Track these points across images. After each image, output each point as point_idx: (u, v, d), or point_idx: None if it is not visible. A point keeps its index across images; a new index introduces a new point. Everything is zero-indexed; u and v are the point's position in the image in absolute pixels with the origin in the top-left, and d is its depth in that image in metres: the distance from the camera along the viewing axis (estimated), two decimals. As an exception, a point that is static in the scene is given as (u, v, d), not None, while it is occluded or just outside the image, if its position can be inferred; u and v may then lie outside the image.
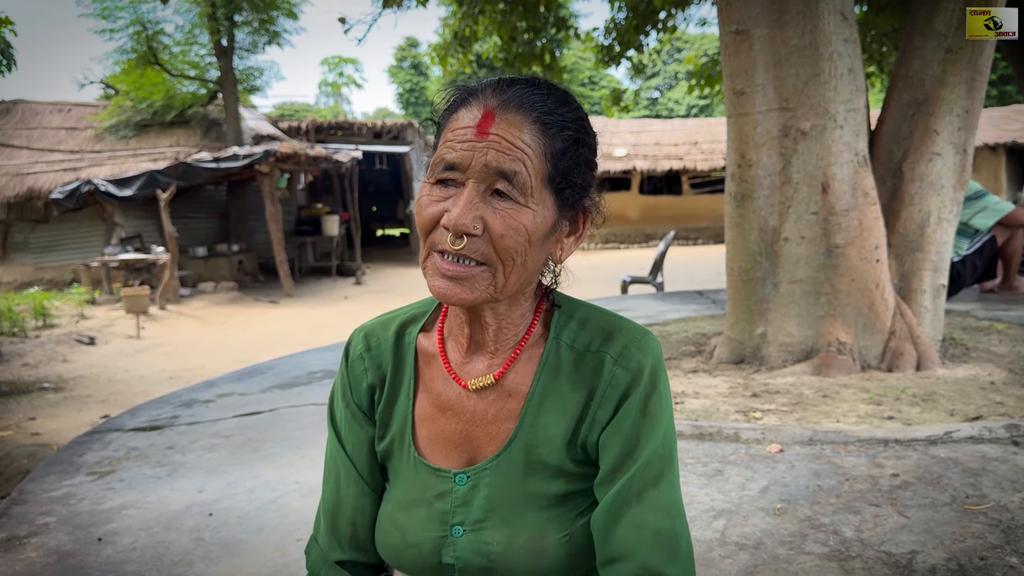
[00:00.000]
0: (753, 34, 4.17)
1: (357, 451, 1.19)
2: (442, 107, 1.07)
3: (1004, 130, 21.31)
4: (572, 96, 1.07)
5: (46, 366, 8.35)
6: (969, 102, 4.32)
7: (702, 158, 23.91)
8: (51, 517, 2.89)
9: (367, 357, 1.20)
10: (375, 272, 18.26)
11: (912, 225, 4.41)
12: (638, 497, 1.04)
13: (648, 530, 1.02)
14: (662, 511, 1.04)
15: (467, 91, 1.04)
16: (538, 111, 1.01)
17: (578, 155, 1.05)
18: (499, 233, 0.99)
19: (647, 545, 1.02)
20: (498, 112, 0.99)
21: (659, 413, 1.07)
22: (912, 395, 3.71)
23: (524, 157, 0.99)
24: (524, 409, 1.10)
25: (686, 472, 2.93)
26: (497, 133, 0.98)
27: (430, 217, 1.02)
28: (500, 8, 9.35)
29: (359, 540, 1.18)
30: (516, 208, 0.99)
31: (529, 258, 1.03)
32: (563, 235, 1.09)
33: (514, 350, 1.12)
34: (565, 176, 1.04)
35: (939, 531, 2.33)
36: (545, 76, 6.42)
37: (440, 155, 1.01)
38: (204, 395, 4.80)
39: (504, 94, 1.01)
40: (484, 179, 0.99)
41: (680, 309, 6.98)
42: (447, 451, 1.14)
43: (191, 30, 18.95)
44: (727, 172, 4.53)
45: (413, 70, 49.30)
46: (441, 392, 1.15)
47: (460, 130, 1.00)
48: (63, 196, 14.31)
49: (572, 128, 1.04)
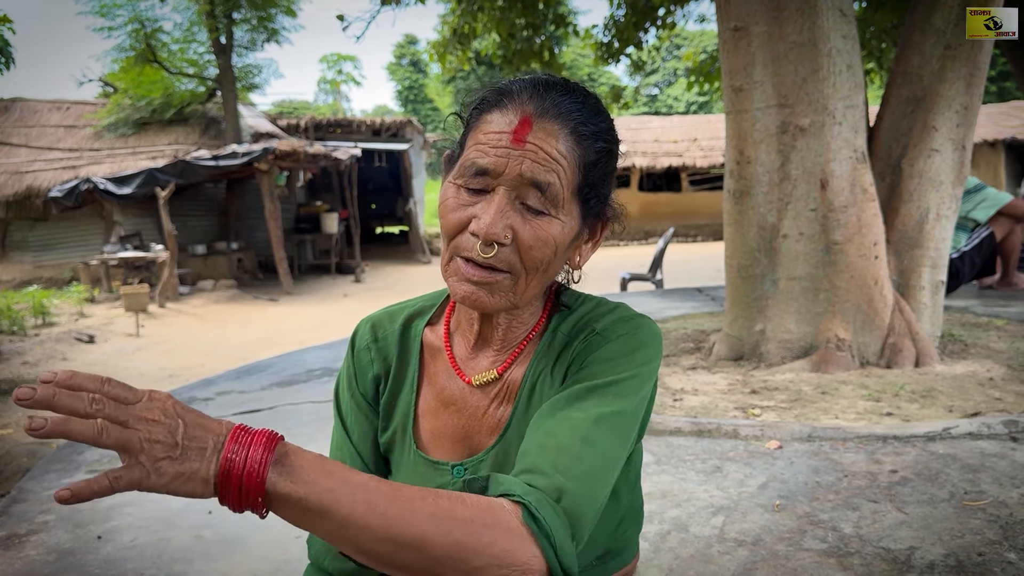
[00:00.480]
0: (752, 30, 4.17)
1: (363, 441, 1.19)
2: (471, 104, 1.05)
3: (1003, 126, 21.30)
4: (603, 104, 1.06)
5: (46, 364, 8.35)
6: (968, 98, 4.32)
7: (701, 155, 23.90)
8: (51, 515, 2.89)
9: (373, 348, 1.20)
10: (374, 270, 18.26)
11: (911, 221, 4.41)
12: (562, 413, 0.96)
13: (553, 440, 0.94)
14: (577, 432, 0.94)
15: (501, 92, 1.01)
16: (574, 121, 0.99)
17: (608, 166, 1.05)
18: (528, 244, 0.98)
19: (545, 451, 0.93)
20: (535, 120, 0.97)
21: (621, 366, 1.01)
22: (911, 391, 3.71)
23: (559, 168, 0.97)
24: (517, 397, 1.10)
25: (685, 468, 2.94)
26: (534, 142, 0.96)
27: (457, 221, 0.99)
28: (499, 5, 9.34)
29: None
30: (546, 219, 0.98)
31: (552, 267, 1.03)
32: (582, 242, 1.09)
33: (519, 346, 1.12)
34: (594, 187, 1.03)
35: (937, 527, 2.34)
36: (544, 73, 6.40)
37: (471, 158, 0.98)
38: (203, 393, 4.80)
39: (542, 101, 0.98)
40: (516, 187, 0.97)
41: (679, 306, 6.99)
42: (448, 445, 1.14)
43: (190, 28, 18.95)
44: (726, 169, 4.53)
45: (412, 67, 49.26)
46: (445, 386, 1.15)
47: (494, 134, 0.97)
48: (62, 194, 14.30)
49: (604, 139, 1.03)
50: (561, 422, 0.95)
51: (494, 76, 26.23)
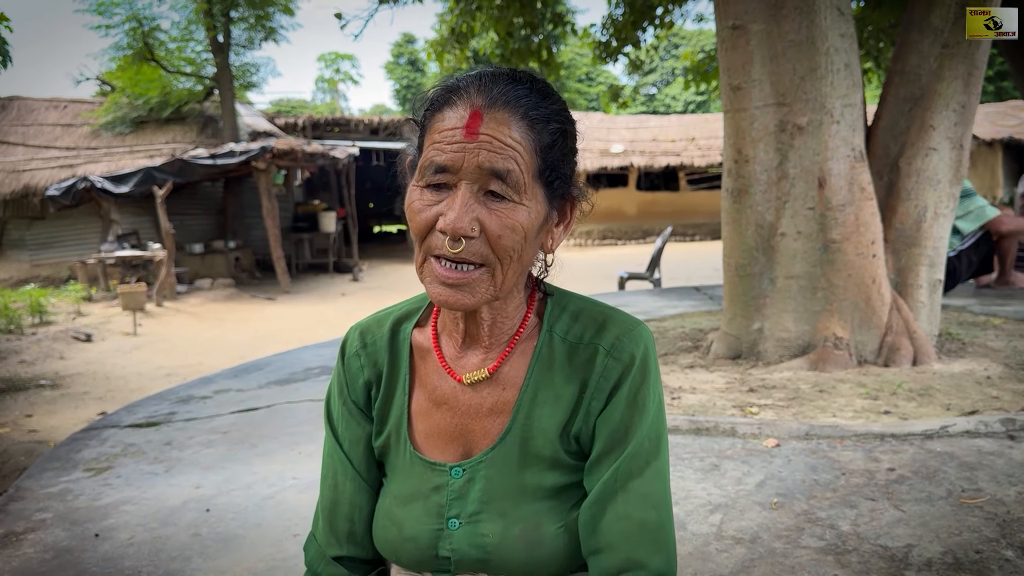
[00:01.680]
0: (750, 29, 4.17)
1: (354, 448, 1.20)
2: (423, 107, 1.06)
3: (1001, 126, 21.33)
4: (552, 87, 1.07)
5: (43, 363, 8.34)
6: (966, 97, 4.33)
7: (699, 154, 23.91)
8: (48, 513, 2.89)
9: (363, 354, 1.20)
10: (372, 268, 18.25)
11: (909, 220, 4.41)
12: (624, 487, 1.04)
13: (633, 521, 1.03)
14: (648, 502, 1.05)
15: (449, 90, 1.02)
16: (524, 107, 1.00)
17: (565, 146, 1.06)
18: (496, 233, 0.98)
19: (632, 537, 1.03)
20: (485, 111, 0.98)
21: (647, 403, 1.08)
22: (908, 390, 3.71)
23: (516, 155, 0.98)
24: (518, 402, 1.10)
25: (683, 467, 2.94)
26: (487, 133, 0.97)
27: (425, 221, 1.01)
28: (497, 4, 9.33)
29: (357, 536, 1.19)
30: (511, 207, 0.99)
31: (525, 253, 1.03)
32: (552, 225, 1.09)
33: (508, 344, 1.12)
34: (554, 169, 1.04)
35: (935, 525, 2.34)
36: (542, 72, 6.43)
37: (429, 157, 1.00)
38: (201, 391, 4.79)
39: (489, 92, 1.00)
40: (477, 179, 0.98)
41: (677, 305, 6.99)
42: (443, 445, 1.14)
43: (187, 26, 18.91)
44: (724, 167, 4.53)
45: (410, 66, 49.24)
46: (436, 387, 1.15)
47: (447, 131, 0.99)
48: (59, 193, 14.29)
49: (557, 120, 1.04)
50: (629, 498, 1.05)
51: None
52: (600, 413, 1.08)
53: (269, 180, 14.50)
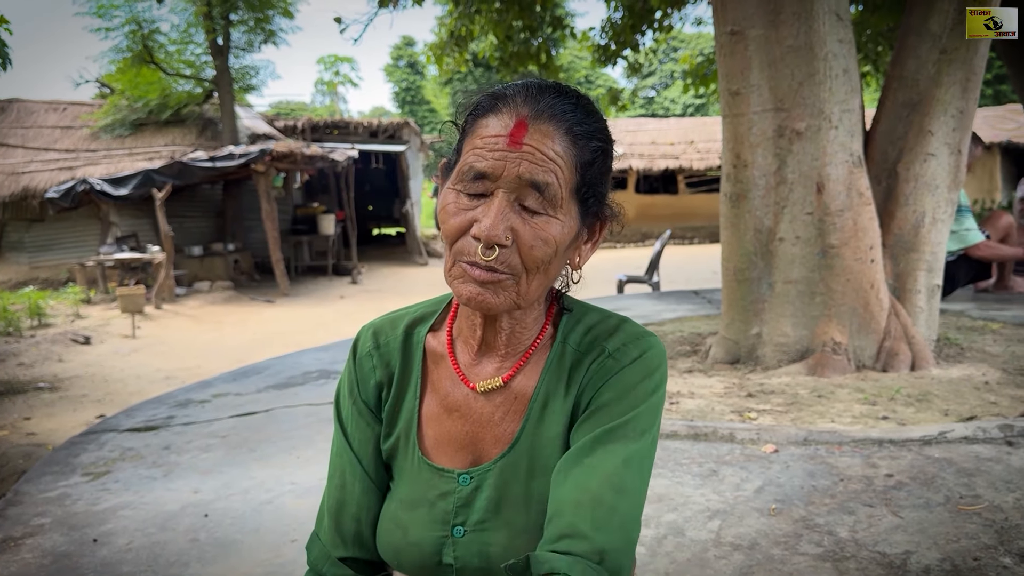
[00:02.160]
0: (748, 35, 4.17)
1: (363, 448, 1.19)
2: (466, 111, 1.06)
3: (999, 129, 21.35)
4: (596, 106, 1.07)
5: (41, 366, 8.33)
6: (964, 102, 4.33)
7: (698, 157, 23.93)
8: (46, 518, 2.89)
9: (375, 355, 1.20)
10: (371, 271, 18.24)
11: (907, 225, 4.41)
12: (590, 462, 1.01)
13: (588, 494, 0.99)
14: (608, 482, 1.00)
15: (495, 97, 1.02)
16: (569, 122, 1.00)
17: (604, 165, 1.06)
18: (529, 244, 0.98)
19: (583, 508, 0.98)
20: (531, 121, 0.98)
21: (639, 397, 1.05)
22: (907, 395, 3.72)
23: (556, 169, 0.98)
24: (528, 411, 1.10)
25: (681, 472, 2.94)
26: (531, 144, 0.97)
27: (458, 226, 1.00)
28: (496, 7, 9.34)
29: (362, 537, 1.18)
30: (546, 219, 0.99)
31: (553, 267, 1.04)
32: (582, 242, 1.10)
33: (524, 354, 1.12)
34: (591, 186, 1.04)
35: (933, 531, 2.34)
36: (541, 75, 6.42)
37: (469, 162, 0.99)
38: (200, 395, 4.79)
39: (536, 104, 1.00)
40: (515, 189, 0.98)
41: (676, 309, 6.99)
42: (452, 452, 1.14)
43: (187, 29, 18.91)
44: (722, 172, 4.53)
45: (409, 69, 49.23)
46: (449, 393, 1.15)
47: (490, 138, 0.99)
48: (58, 195, 14.28)
49: (599, 139, 1.04)
50: (590, 472, 1.00)
51: (491, 78, 26.19)
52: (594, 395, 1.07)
53: (268, 183, 14.49)
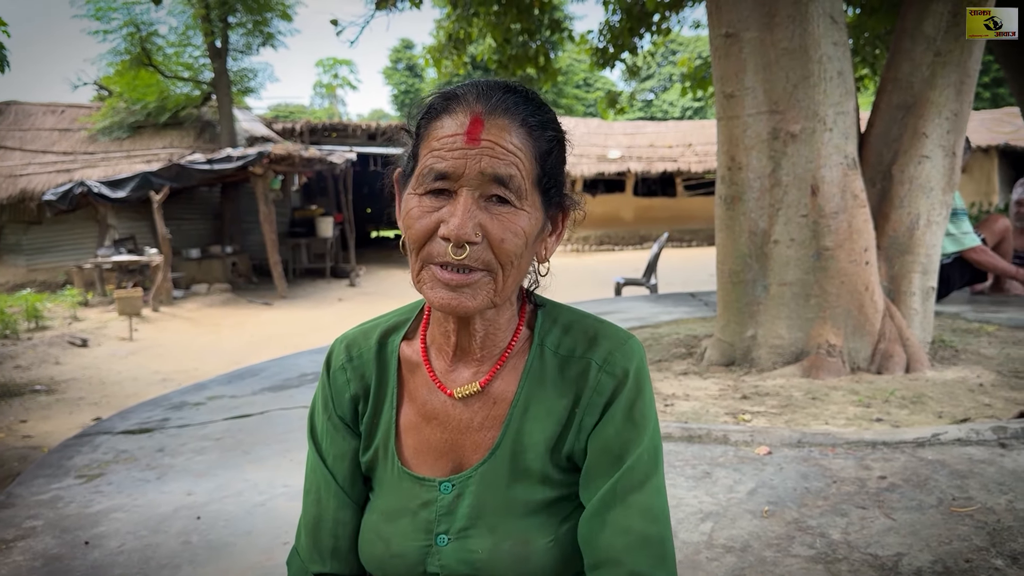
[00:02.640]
0: (743, 37, 4.18)
1: (337, 463, 1.18)
2: (418, 115, 1.06)
3: (996, 132, 21.41)
4: (545, 100, 1.08)
5: (38, 368, 8.33)
6: (958, 105, 4.34)
7: (696, 160, 23.96)
8: (39, 520, 2.89)
9: (349, 368, 1.18)
10: (369, 274, 18.24)
11: (901, 227, 4.42)
12: (624, 501, 1.03)
13: (635, 535, 1.02)
14: (648, 516, 1.04)
15: (447, 97, 1.03)
16: (523, 114, 1.01)
17: (560, 155, 1.07)
18: (499, 238, 0.98)
19: (635, 550, 1.02)
20: (486, 117, 0.98)
21: (644, 418, 1.07)
22: (901, 397, 3.72)
23: (517, 161, 0.98)
24: (509, 416, 1.09)
25: (674, 474, 2.94)
26: (489, 139, 0.97)
27: (425, 228, 1.00)
28: (494, 10, 9.35)
29: (340, 552, 1.17)
30: (512, 211, 0.99)
31: (523, 260, 1.03)
32: (547, 234, 1.09)
33: (500, 357, 1.11)
34: (551, 176, 1.05)
35: (925, 533, 2.34)
36: (540, 78, 6.45)
37: (428, 164, 0.99)
38: (195, 397, 4.79)
39: (489, 99, 1.00)
40: (478, 186, 0.98)
41: (672, 311, 6.99)
42: (432, 460, 1.13)
43: (185, 32, 18.92)
44: (717, 175, 4.54)
45: (408, 72, 49.28)
46: (426, 401, 1.14)
47: (447, 138, 0.98)
48: (56, 198, 14.29)
49: (552, 128, 1.05)
50: (628, 511, 1.04)
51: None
52: (593, 428, 1.07)
53: (266, 185, 14.50)
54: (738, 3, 4.16)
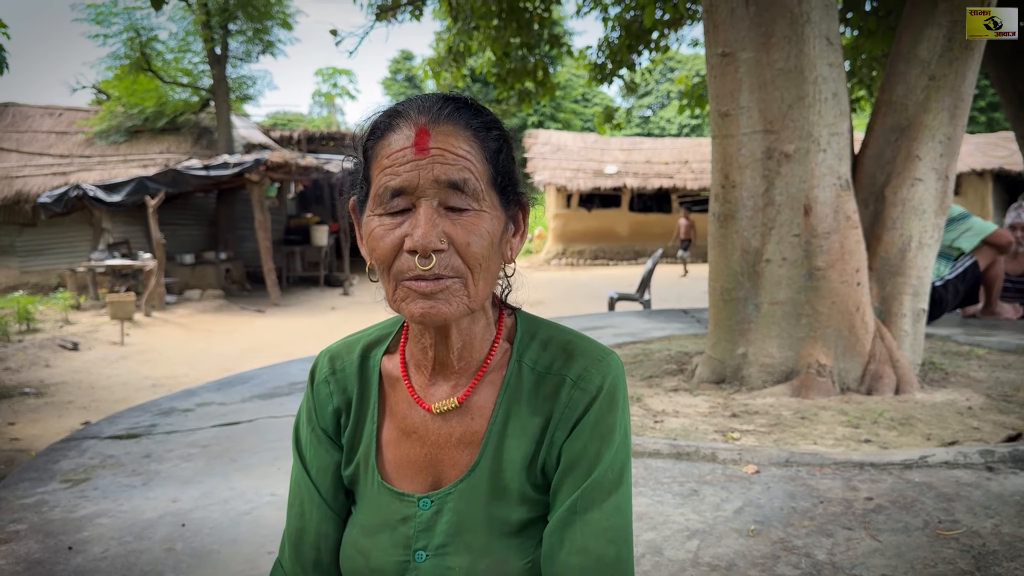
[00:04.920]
0: (739, 56, 4.21)
1: (321, 476, 1.18)
2: (363, 139, 1.06)
3: (991, 156, 21.54)
4: (481, 103, 1.09)
5: (28, 371, 8.30)
6: (951, 129, 4.37)
7: (692, 177, 24.06)
8: (22, 524, 2.87)
9: (332, 380, 1.19)
10: (363, 283, 18.22)
11: (893, 249, 4.44)
12: (583, 519, 1.03)
13: (591, 556, 1.02)
14: (606, 536, 1.04)
15: (389, 115, 1.03)
16: (465, 117, 1.02)
17: (509, 152, 1.07)
18: (464, 242, 0.98)
19: (588, 571, 1.02)
20: (431, 126, 0.99)
21: (612, 433, 1.06)
22: (890, 419, 3.72)
23: (469, 164, 0.99)
24: (487, 433, 1.09)
25: (662, 491, 2.93)
26: (437, 146, 0.98)
27: (391, 245, 0.99)
28: (494, 24, 9.40)
29: (323, 564, 1.17)
30: (473, 214, 1.00)
31: (492, 262, 1.03)
32: (510, 235, 1.10)
33: (477, 372, 1.11)
34: (505, 174, 1.06)
35: (910, 556, 2.34)
36: (538, 92, 6.51)
37: (383, 183, 0.99)
38: (183, 404, 4.77)
39: (430, 110, 1.01)
40: (436, 195, 0.98)
41: (664, 327, 7.00)
42: (412, 475, 1.13)
43: (185, 37, 18.98)
44: (711, 192, 4.56)
45: (407, 83, 49.42)
46: (406, 416, 1.13)
47: (397, 153, 0.99)
48: (51, 200, 14.27)
49: (497, 128, 1.06)
50: (586, 530, 1.03)
51: (488, 94, 26.25)
52: (564, 442, 1.07)
53: (262, 192, 14.51)
54: (735, 23, 4.19)
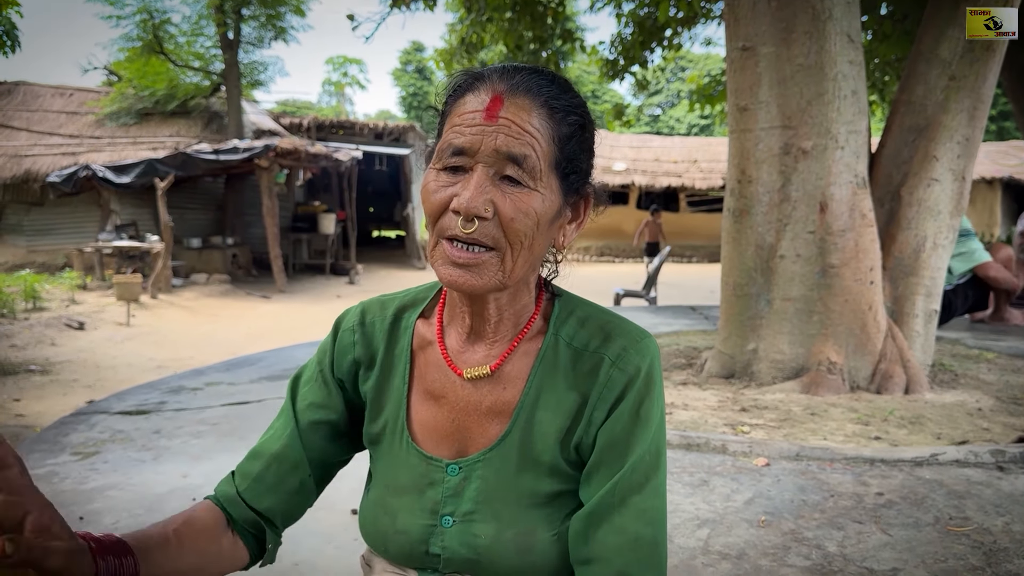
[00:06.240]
0: (759, 51, 4.19)
1: (308, 410, 1.17)
2: (447, 93, 1.06)
3: (1001, 164, 21.47)
4: (574, 85, 1.07)
5: (34, 348, 8.31)
6: (970, 130, 4.35)
7: (700, 176, 24.00)
8: (33, 494, 2.87)
9: (359, 331, 1.19)
10: (369, 273, 18.23)
11: (908, 249, 4.43)
12: (622, 502, 1.03)
13: (628, 536, 1.02)
14: (644, 518, 1.03)
15: (473, 76, 1.03)
16: (545, 95, 1.01)
17: (583, 140, 1.05)
18: (509, 216, 0.98)
19: (626, 551, 1.01)
20: (507, 96, 0.99)
21: (650, 417, 1.06)
22: (900, 417, 3.72)
23: (533, 141, 0.98)
24: (520, 404, 1.09)
25: (672, 480, 2.93)
26: (507, 117, 0.97)
27: (439, 202, 1.00)
28: (508, 17, 9.38)
29: (263, 484, 1.14)
30: (525, 192, 0.99)
31: (536, 243, 1.02)
32: (566, 221, 1.09)
33: (512, 341, 1.10)
34: (571, 161, 1.04)
35: (921, 550, 2.34)
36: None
37: (448, 140, 1.00)
38: (192, 383, 4.78)
39: (512, 79, 1.00)
40: (494, 163, 0.98)
41: (672, 323, 6.99)
42: (437, 439, 1.12)
43: (198, 21, 18.94)
44: (727, 187, 4.55)
45: (417, 74, 49.39)
46: (436, 379, 1.13)
47: (468, 114, 0.99)
48: (60, 180, 14.28)
49: (577, 113, 1.04)
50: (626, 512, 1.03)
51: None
52: (602, 424, 1.06)
53: (271, 179, 14.50)
54: (756, 17, 4.17)
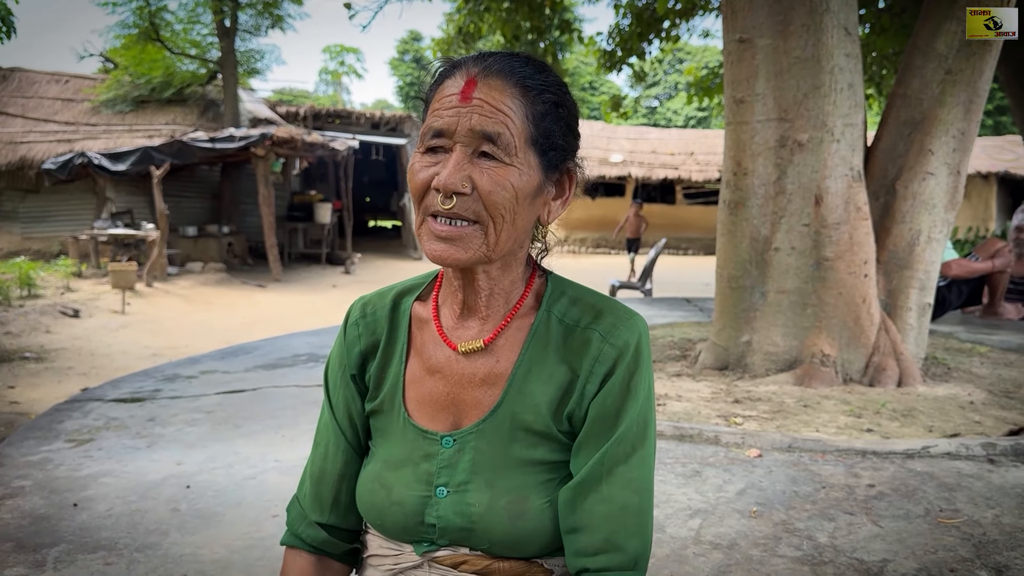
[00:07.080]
0: (756, 43, 4.19)
1: (346, 419, 1.23)
2: (429, 82, 1.12)
3: (997, 159, 21.50)
4: (549, 66, 1.13)
5: (28, 336, 8.30)
6: (966, 124, 4.36)
7: (697, 169, 23.99)
8: (27, 481, 2.88)
9: (361, 323, 1.24)
10: (365, 262, 18.21)
11: (902, 243, 4.44)
12: (609, 472, 1.08)
13: (616, 505, 1.07)
14: (631, 487, 1.08)
15: (451, 64, 1.10)
16: (518, 75, 1.06)
17: (558, 117, 1.10)
18: (487, 190, 1.03)
19: (613, 519, 1.07)
20: (480, 78, 1.05)
21: (638, 390, 1.11)
22: (892, 410, 3.74)
23: (506, 119, 1.03)
24: (511, 376, 1.13)
25: (664, 471, 2.95)
26: (480, 97, 1.03)
27: (422, 182, 1.06)
28: (505, 7, 9.36)
29: (340, 505, 1.22)
30: (502, 167, 1.04)
31: (518, 216, 1.07)
32: (549, 198, 1.13)
33: (505, 317, 1.15)
34: (547, 137, 1.09)
35: (911, 542, 2.36)
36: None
37: (428, 123, 1.06)
38: (187, 371, 4.78)
39: (486, 62, 1.07)
40: (470, 142, 1.03)
41: (667, 315, 7.01)
42: (433, 412, 1.17)
43: (194, 8, 18.82)
44: (722, 179, 4.55)
45: (415, 64, 49.25)
46: (431, 355, 1.18)
47: (446, 98, 1.05)
48: (55, 167, 14.21)
49: (551, 92, 1.09)
50: (613, 481, 1.08)
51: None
52: (594, 396, 1.11)
53: (267, 167, 14.46)
54: (754, 9, 4.17)
